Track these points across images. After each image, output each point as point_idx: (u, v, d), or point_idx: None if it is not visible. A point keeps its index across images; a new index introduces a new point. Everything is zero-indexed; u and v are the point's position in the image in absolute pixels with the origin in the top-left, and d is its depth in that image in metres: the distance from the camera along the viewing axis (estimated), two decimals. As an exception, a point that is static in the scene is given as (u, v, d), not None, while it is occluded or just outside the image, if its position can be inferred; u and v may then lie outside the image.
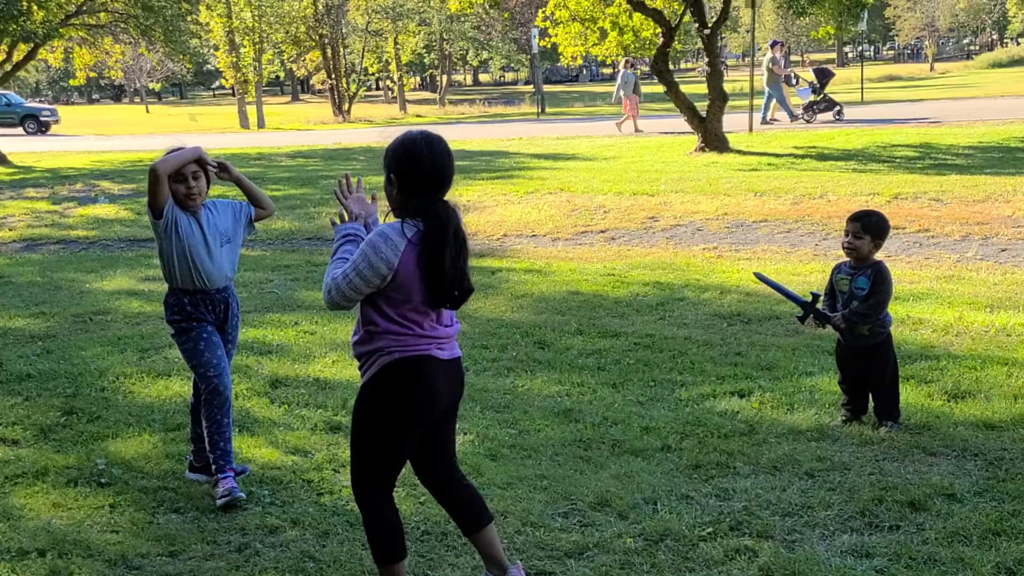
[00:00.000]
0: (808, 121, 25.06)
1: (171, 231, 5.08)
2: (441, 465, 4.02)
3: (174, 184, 5.10)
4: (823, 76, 25.52)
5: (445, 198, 3.74)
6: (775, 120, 25.65)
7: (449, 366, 3.82)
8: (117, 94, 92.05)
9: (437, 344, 3.76)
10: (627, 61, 27.02)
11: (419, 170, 3.67)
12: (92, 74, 37.25)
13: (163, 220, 5.06)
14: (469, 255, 3.76)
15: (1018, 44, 74.69)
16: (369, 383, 3.77)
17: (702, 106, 20.09)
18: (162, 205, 5.05)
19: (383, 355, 3.72)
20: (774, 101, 25.94)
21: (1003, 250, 10.50)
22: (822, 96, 25.39)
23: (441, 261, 3.61)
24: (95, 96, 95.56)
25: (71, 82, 43.61)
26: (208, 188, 5.28)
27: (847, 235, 5.73)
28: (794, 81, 26.30)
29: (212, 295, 5.22)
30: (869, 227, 5.67)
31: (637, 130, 26.43)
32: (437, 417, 3.86)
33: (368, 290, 3.66)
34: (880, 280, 5.67)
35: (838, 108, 25.35)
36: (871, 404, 5.89)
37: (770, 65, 25.33)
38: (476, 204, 14.89)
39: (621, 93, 27.08)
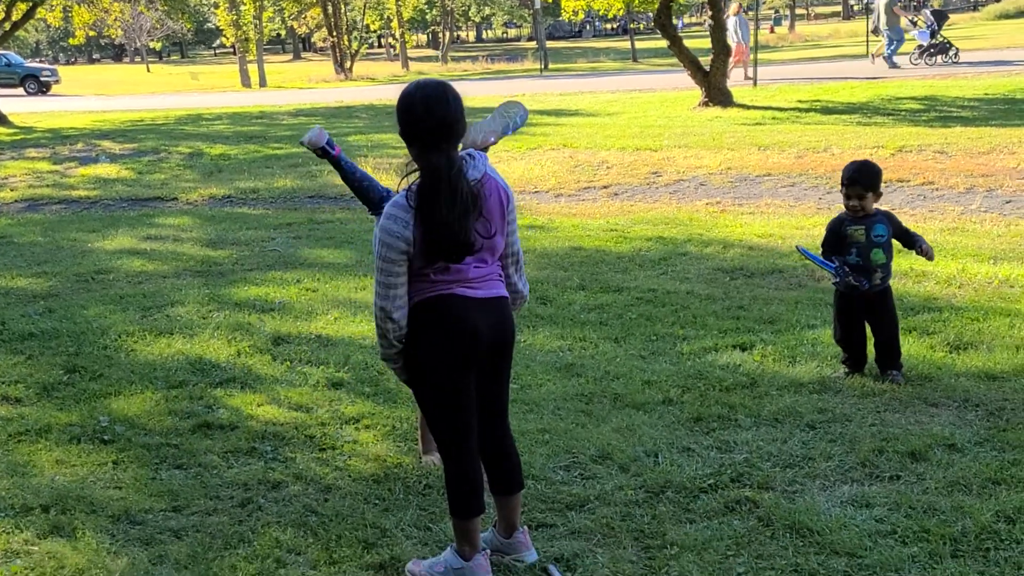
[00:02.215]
0: (928, 64, 24.90)
1: None
2: (491, 418, 3.94)
3: None
4: (940, 18, 25.33)
5: (455, 150, 3.61)
6: (878, 59, 25.42)
7: (485, 304, 3.73)
8: (118, 54, 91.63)
9: (461, 284, 3.68)
10: (739, 5, 25.79)
11: (409, 116, 3.58)
12: (92, 33, 37.08)
13: None
14: (473, 210, 3.58)
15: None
16: (407, 331, 3.74)
17: (705, 60, 19.94)
18: None
19: (409, 300, 3.69)
20: (894, 43, 25.57)
21: (1007, 202, 10.45)
22: (938, 39, 25.19)
23: (435, 211, 3.51)
24: (95, 56, 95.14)
25: (71, 41, 43.42)
26: None
27: (849, 199, 5.71)
28: (913, 23, 25.97)
29: None
30: (869, 184, 5.68)
31: (746, 78, 25.13)
32: (482, 360, 3.78)
33: (402, 268, 3.60)
34: (896, 220, 5.80)
35: (955, 51, 25.10)
36: (871, 359, 5.89)
37: (891, 7, 24.91)
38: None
39: (737, 37, 25.05)
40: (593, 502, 4.48)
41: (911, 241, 5.83)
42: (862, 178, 5.67)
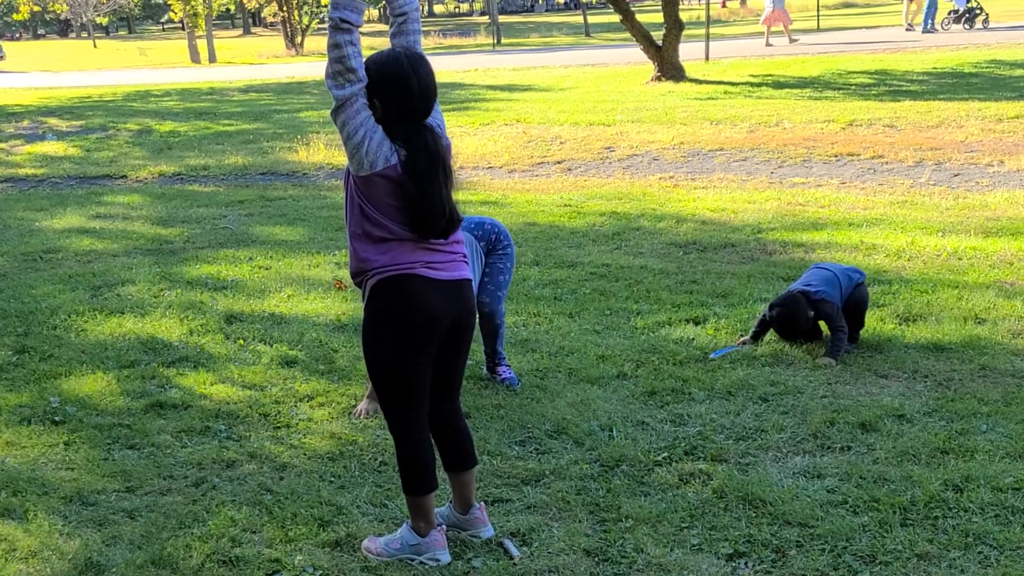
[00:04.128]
0: (967, 29, 25.47)
1: None
2: (444, 396, 3.93)
3: None
4: None
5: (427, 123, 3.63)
6: (934, 29, 26.00)
7: (447, 286, 3.70)
8: (63, 29, 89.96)
9: (425, 264, 3.65)
10: None
11: (406, 91, 3.53)
12: (36, 8, 36.39)
13: None
14: (454, 185, 3.66)
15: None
16: (366, 308, 3.73)
17: (658, 35, 19.96)
18: None
19: (369, 278, 3.66)
20: (931, 8, 26.09)
21: (955, 175, 10.58)
22: (972, 4, 25.72)
23: (433, 193, 3.52)
24: (41, 31, 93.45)
25: (15, 17, 42.55)
26: None
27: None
28: None
29: None
30: (791, 337, 5.97)
31: (768, 44, 26.01)
32: (442, 340, 3.76)
33: (350, 88, 3.47)
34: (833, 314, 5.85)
35: (985, 16, 25.66)
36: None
37: None
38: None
39: (770, 5, 26.00)
40: (548, 476, 4.50)
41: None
42: (785, 332, 5.94)
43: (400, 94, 3.53)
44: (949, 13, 26.24)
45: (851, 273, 6.06)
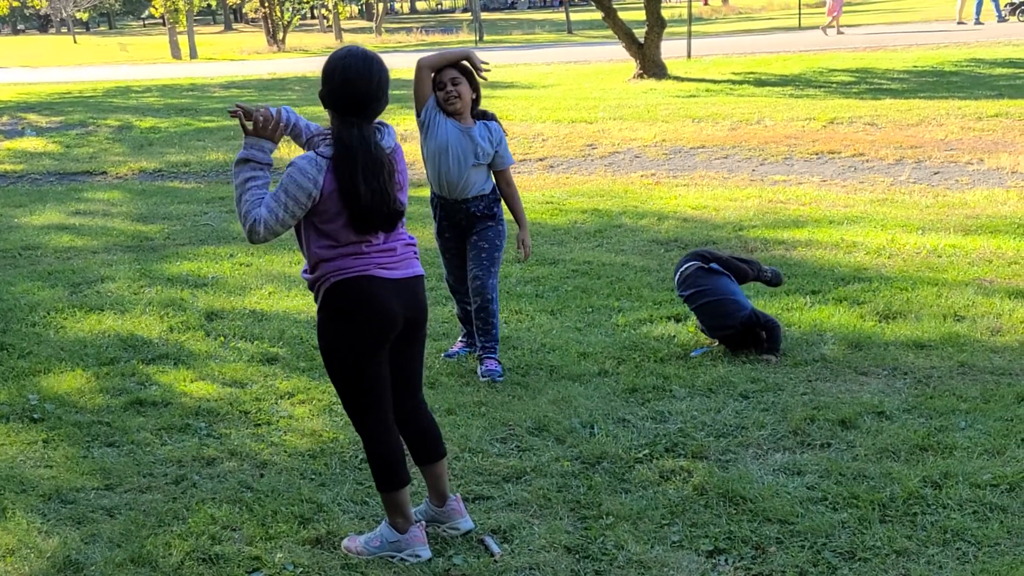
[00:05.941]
0: (1021, 20, 25.91)
1: (425, 131, 5.46)
2: (405, 392, 3.95)
3: (437, 90, 5.40)
4: None
5: (375, 120, 3.67)
6: (981, 23, 26.46)
7: (400, 285, 3.74)
8: (43, 24, 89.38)
9: (378, 264, 3.69)
10: None
11: (330, 85, 3.62)
12: (15, 3, 36.11)
13: (421, 118, 5.43)
14: (395, 175, 3.67)
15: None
16: (319, 312, 3.76)
17: (640, 32, 19.98)
18: (422, 102, 5.35)
19: (324, 282, 3.69)
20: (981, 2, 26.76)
21: (935, 173, 10.63)
22: None
23: (353, 183, 3.55)
24: (20, 27, 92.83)
25: (-6, 12, 42.18)
26: (474, 96, 5.50)
27: None
28: None
29: (451, 203, 5.61)
30: None
31: (825, 33, 27.23)
32: (396, 338, 3.79)
33: (298, 216, 3.62)
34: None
35: None
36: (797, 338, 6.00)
37: None
38: (413, 134, 14.74)
39: None
40: (529, 474, 4.51)
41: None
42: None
43: (325, 85, 3.65)
44: (1006, 5, 26.66)
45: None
